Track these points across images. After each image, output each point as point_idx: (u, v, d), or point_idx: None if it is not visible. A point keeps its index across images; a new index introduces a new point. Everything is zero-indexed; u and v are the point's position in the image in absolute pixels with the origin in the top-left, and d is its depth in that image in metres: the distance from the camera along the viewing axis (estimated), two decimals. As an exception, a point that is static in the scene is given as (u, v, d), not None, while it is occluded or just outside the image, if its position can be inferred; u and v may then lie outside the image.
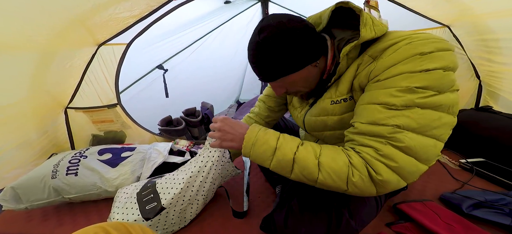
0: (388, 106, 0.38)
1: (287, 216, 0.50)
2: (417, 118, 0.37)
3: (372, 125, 0.39)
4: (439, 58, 0.37)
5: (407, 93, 0.37)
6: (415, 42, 0.38)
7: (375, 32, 0.43)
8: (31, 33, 0.70)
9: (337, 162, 0.40)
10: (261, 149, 0.44)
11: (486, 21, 0.99)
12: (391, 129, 0.37)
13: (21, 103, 0.83)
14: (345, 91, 0.47)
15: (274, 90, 0.52)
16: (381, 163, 0.38)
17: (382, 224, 0.64)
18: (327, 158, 0.41)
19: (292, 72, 0.46)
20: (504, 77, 1.07)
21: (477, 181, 0.81)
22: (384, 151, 0.37)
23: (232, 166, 0.75)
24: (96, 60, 1.02)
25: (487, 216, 0.62)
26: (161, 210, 0.60)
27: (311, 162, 0.41)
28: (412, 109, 0.37)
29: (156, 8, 0.94)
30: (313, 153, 0.42)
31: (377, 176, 0.38)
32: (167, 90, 1.54)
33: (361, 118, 0.41)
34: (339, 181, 0.40)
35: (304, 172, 0.42)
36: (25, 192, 0.72)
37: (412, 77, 0.37)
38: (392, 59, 0.39)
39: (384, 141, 0.38)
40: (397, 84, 0.38)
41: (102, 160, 0.85)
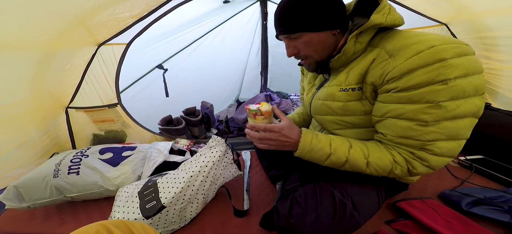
0: (420, 123, 0.42)
1: (292, 206, 0.50)
2: (446, 131, 0.41)
3: (405, 138, 0.45)
4: (458, 65, 0.38)
5: (436, 109, 0.40)
6: (437, 47, 0.39)
7: (385, 20, 0.45)
8: (32, 33, 0.70)
9: (383, 160, 0.47)
10: (317, 155, 0.50)
11: (484, 19, 1.00)
12: (423, 143, 0.43)
13: (22, 103, 0.84)
14: (355, 81, 0.49)
15: (287, 49, 0.54)
16: (416, 161, 0.45)
17: (381, 221, 0.65)
18: (374, 158, 0.48)
19: (313, 30, 0.48)
20: (502, 75, 1.07)
21: (476, 178, 0.82)
22: (418, 154, 0.44)
23: (235, 167, 0.75)
24: (96, 60, 1.02)
25: (486, 213, 0.62)
26: (161, 209, 0.61)
27: (361, 162, 0.48)
28: (441, 124, 0.41)
29: (156, 7, 0.94)
30: (362, 155, 0.48)
31: (413, 170, 0.46)
32: (167, 90, 1.54)
33: (392, 131, 0.46)
34: (383, 173, 0.48)
35: (354, 168, 0.49)
36: (27, 191, 0.72)
37: (437, 91, 0.39)
38: (413, 63, 0.40)
39: (417, 148, 0.44)
40: (423, 98, 0.40)
41: (103, 159, 0.85)
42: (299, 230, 0.46)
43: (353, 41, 0.48)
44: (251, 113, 0.54)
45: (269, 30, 1.96)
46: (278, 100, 1.89)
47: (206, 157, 0.69)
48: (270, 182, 0.87)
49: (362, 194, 0.53)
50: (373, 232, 0.61)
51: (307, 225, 0.46)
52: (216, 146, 0.72)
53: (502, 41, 0.99)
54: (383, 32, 0.48)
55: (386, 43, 0.45)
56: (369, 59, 0.47)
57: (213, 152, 0.70)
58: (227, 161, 0.73)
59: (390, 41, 0.45)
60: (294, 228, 0.47)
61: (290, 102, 1.91)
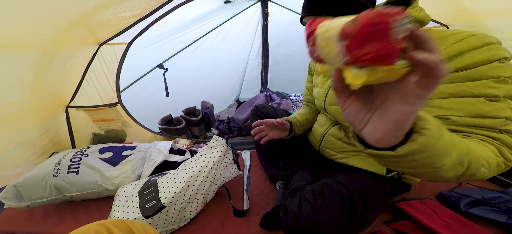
0: (489, 98, 0.37)
1: (301, 204, 0.49)
2: None
3: (479, 118, 0.38)
4: (505, 49, 0.38)
5: (503, 83, 0.37)
6: (478, 35, 0.39)
7: (418, 14, 0.45)
8: (33, 32, 0.70)
9: (485, 150, 0.37)
10: (447, 144, 0.37)
11: (485, 20, 1.00)
12: (503, 121, 0.37)
13: (22, 102, 0.84)
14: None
15: (306, 29, 0.54)
16: (505, 148, 0.36)
17: (380, 222, 0.65)
18: (478, 150, 0.37)
19: (338, 14, 0.48)
20: (502, 77, 1.07)
21: (475, 179, 0.82)
22: (503, 139, 0.36)
23: (235, 167, 0.75)
24: (97, 59, 1.02)
25: (484, 214, 0.63)
26: (161, 209, 0.61)
27: (486, 154, 0.38)
28: (508, 101, 0.37)
29: (157, 7, 0.94)
30: (482, 146, 0.39)
31: (508, 162, 0.37)
32: (167, 89, 1.54)
33: (457, 111, 0.39)
34: (494, 167, 0.36)
35: (473, 166, 0.38)
36: (26, 190, 0.72)
37: (499, 68, 0.37)
38: (459, 48, 0.39)
39: (497, 130, 0.37)
40: (486, 74, 0.37)
41: (103, 159, 0.85)
42: (311, 228, 0.45)
43: None
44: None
45: (270, 30, 1.97)
46: (278, 100, 1.90)
47: (207, 157, 0.69)
48: (269, 182, 0.87)
49: (370, 193, 0.52)
50: (372, 232, 0.62)
51: (319, 223, 0.45)
52: (216, 146, 0.72)
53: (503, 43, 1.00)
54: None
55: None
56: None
57: (214, 152, 0.70)
58: (227, 161, 0.74)
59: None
60: (305, 226, 0.46)
61: (290, 102, 1.91)
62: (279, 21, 1.91)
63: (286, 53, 2.03)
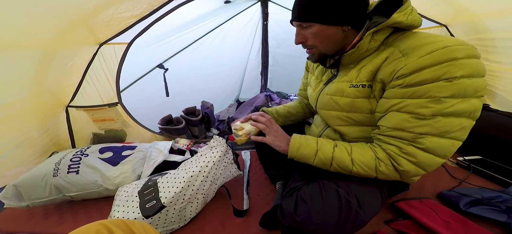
0: (417, 116, 0.43)
1: (297, 204, 0.50)
2: (440, 126, 0.41)
3: (398, 130, 0.45)
4: (466, 65, 0.39)
5: (435, 103, 0.41)
6: (451, 47, 0.40)
7: (406, 19, 0.46)
8: (34, 32, 0.70)
9: (366, 156, 0.49)
10: (306, 151, 0.54)
11: (483, 20, 1.01)
12: (416, 135, 0.43)
13: (23, 102, 0.84)
14: (366, 78, 0.50)
15: (296, 36, 0.56)
16: (403, 158, 0.45)
17: (381, 221, 0.65)
18: (357, 155, 0.50)
19: (323, 22, 0.50)
20: (500, 76, 1.08)
21: (474, 178, 0.82)
22: (406, 150, 0.45)
23: (235, 167, 0.75)
24: (97, 59, 1.02)
25: (484, 213, 0.63)
26: (161, 208, 0.61)
27: (346, 158, 0.50)
28: (436, 118, 0.41)
29: (157, 7, 0.95)
30: (346, 152, 0.51)
31: (399, 167, 0.46)
32: (167, 89, 1.54)
33: (389, 123, 0.47)
34: (369, 171, 0.49)
35: (341, 165, 0.51)
36: (26, 190, 0.72)
37: (442, 88, 0.40)
38: (423, 62, 0.41)
39: (407, 142, 0.44)
40: (427, 94, 0.41)
41: (103, 159, 0.85)
42: (306, 227, 0.45)
43: (369, 38, 0.48)
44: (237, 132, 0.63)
45: (270, 30, 1.97)
46: (278, 100, 1.90)
47: (207, 157, 0.69)
48: (269, 182, 0.87)
49: (367, 193, 0.53)
50: (372, 232, 0.62)
51: (314, 222, 0.45)
52: (217, 146, 0.72)
53: (501, 43, 1.00)
54: (398, 33, 0.49)
55: (401, 42, 0.46)
56: (382, 58, 0.48)
57: (214, 152, 0.70)
58: (227, 161, 0.74)
59: (404, 40, 0.46)
60: (301, 226, 0.46)
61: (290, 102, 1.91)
62: (279, 21, 1.91)
63: (286, 53, 2.03)
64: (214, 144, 0.72)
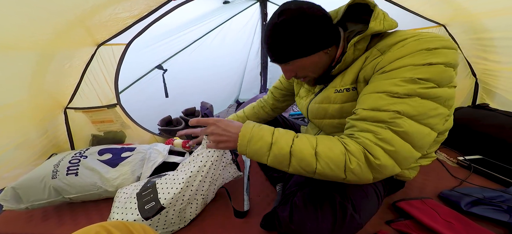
0: (391, 94, 0.40)
1: (292, 211, 0.50)
2: (416, 106, 0.39)
3: (374, 111, 0.41)
4: (442, 54, 0.39)
5: (410, 83, 0.39)
6: (423, 39, 0.41)
7: (383, 26, 0.45)
8: (31, 33, 0.70)
9: (334, 151, 0.40)
10: (257, 145, 0.44)
11: (481, 20, 1.01)
12: (392, 114, 0.39)
13: (21, 103, 0.83)
14: (349, 82, 0.49)
15: (285, 73, 0.54)
16: (379, 147, 0.39)
17: (382, 221, 0.65)
18: (323, 147, 0.41)
19: (304, 56, 0.48)
20: (499, 75, 1.08)
21: (475, 178, 0.82)
22: (383, 135, 0.39)
23: (234, 168, 0.75)
24: (96, 60, 1.02)
25: (485, 213, 0.63)
26: (160, 210, 0.61)
27: (308, 153, 0.41)
28: (413, 98, 0.39)
29: (156, 8, 0.94)
30: (309, 144, 0.42)
31: (375, 161, 0.38)
32: (166, 90, 1.54)
33: (364, 105, 0.43)
34: (337, 170, 0.40)
35: (302, 164, 0.41)
36: (25, 192, 0.72)
37: (416, 69, 0.39)
38: (399, 53, 0.41)
39: (384, 125, 0.39)
40: (401, 75, 0.40)
41: (102, 160, 0.85)
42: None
43: (352, 49, 0.48)
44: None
45: (269, 30, 1.97)
46: (277, 101, 1.89)
47: (204, 156, 0.69)
48: (270, 183, 0.87)
49: (362, 195, 0.52)
50: (373, 232, 0.61)
51: (308, 230, 0.45)
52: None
53: (499, 42, 1.00)
54: (378, 36, 0.49)
55: (379, 43, 0.47)
56: (362, 59, 0.48)
57: (211, 151, 0.69)
58: (225, 161, 0.73)
59: (383, 41, 0.46)
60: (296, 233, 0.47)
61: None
62: (278, 21, 1.91)
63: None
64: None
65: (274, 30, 0.47)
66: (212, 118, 0.49)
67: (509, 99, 1.07)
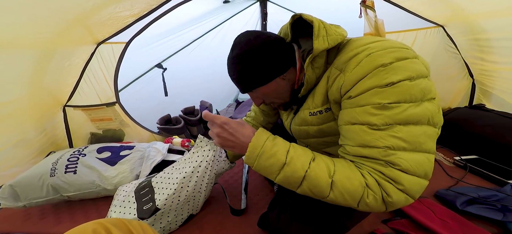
0: (371, 126, 0.38)
1: (280, 211, 0.51)
2: (403, 136, 0.36)
3: (363, 147, 0.38)
4: (400, 69, 0.36)
5: (382, 110, 0.37)
6: (374, 54, 0.38)
7: (328, 43, 0.43)
8: (32, 31, 0.70)
9: (352, 182, 0.37)
10: (268, 162, 0.40)
11: (479, 21, 1.02)
12: (383, 151, 0.37)
13: (20, 101, 0.83)
14: (320, 103, 0.48)
15: (253, 100, 0.55)
16: (389, 184, 0.37)
17: (378, 220, 0.66)
18: (341, 177, 0.38)
19: (261, 84, 0.49)
20: (496, 76, 1.09)
21: (471, 177, 0.83)
22: (387, 173, 0.37)
23: (228, 163, 0.74)
24: (95, 58, 1.02)
25: (480, 212, 0.64)
26: (156, 211, 0.61)
27: (324, 181, 0.38)
28: (394, 127, 0.36)
29: (156, 7, 0.94)
30: (326, 171, 0.39)
31: (388, 198, 0.37)
32: (166, 89, 1.54)
33: (349, 140, 0.41)
34: (351, 201, 0.38)
35: (314, 189, 0.39)
36: (23, 190, 0.71)
37: (381, 93, 0.37)
38: (357, 73, 0.39)
39: (383, 163, 0.37)
40: (369, 101, 0.38)
41: (101, 159, 0.84)
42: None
43: (310, 68, 0.46)
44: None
45: (269, 30, 1.97)
46: (276, 101, 1.90)
47: (199, 156, 0.68)
48: (269, 183, 0.87)
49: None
50: (370, 231, 0.62)
51: (293, 230, 0.47)
52: (204, 146, 0.69)
53: (496, 43, 1.01)
54: (334, 48, 0.47)
55: (336, 59, 0.45)
56: (325, 79, 0.46)
57: (205, 150, 0.68)
58: (220, 158, 0.73)
59: (339, 56, 0.44)
60: (282, 233, 0.48)
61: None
62: (278, 21, 1.91)
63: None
64: (202, 144, 0.69)
65: (231, 64, 0.50)
66: (220, 118, 0.44)
67: (505, 100, 1.08)
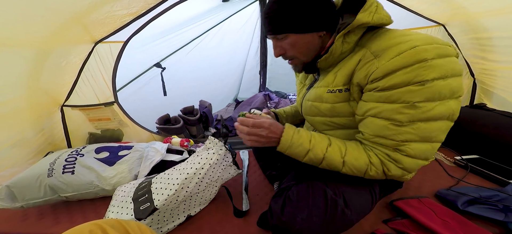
0: (395, 123, 0.42)
1: (284, 204, 0.50)
2: (419, 132, 0.41)
3: (379, 137, 0.45)
4: (438, 67, 0.38)
5: (411, 109, 0.40)
6: (419, 48, 0.39)
7: (371, 18, 0.45)
8: (27, 30, 0.69)
9: (359, 161, 0.48)
10: (297, 150, 0.51)
11: (480, 19, 1.01)
12: (398, 143, 0.43)
13: (17, 101, 0.82)
14: (342, 83, 0.50)
15: (275, 49, 0.55)
16: (391, 163, 0.46)
17: (379, 220, 0.65)
18: (351, 158, 0.48)
19: (299, 31, 0.49)
20: (497, 75, 1.09)
21: (472, 177, 0.83)
22: (392, 156, 0.45)
23: (234, 168, 0.74)
24: (93, 58, 1.01)
25: (482, 212, 0.63)
26: (153, 211, 0.60)
27: (338, 160, 0.49)
28: (415, 124, 0.41)
29: (154, 6, 0.93)
30: (339, 153, 0.49)
31: (388, 172, 0.47)
32: (165, 88, 1.53)
33: (369, 129, 0.47)
34: (358, 173, 0.49)
35: (331, 166, 0.50)
36: (20, 190, 0.71)
37: (414, 91, 0.39)
38: (394, 64, 0.40)
39: (391, 149, 0.45)
40: (401, 98, 0.41)
41: (99, 159, 0.84)
42: (291, 227, 0.46)
43: (340, 41, 0.48)
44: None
45: (268, 29, 1.96)
46: (276, 100, 1.89)
47: (202, 158, 0.68)
48: (268, 182, 0.87)
49: (355, 192, 0.53)
50: (370, 231, 0.61)
51: (298, 222, 0.46)
52: (213, 148, 0.70)
53: (497, 41, 1.01)
54: (371, 32, 0.48)
55: (372, 43, 0.46)
56: (355, 60, 0.47)
57: (210, 153, 0.69)
58: (226, 164, 0.73)
59: (376, 41, 0.45)
60: (286, 226, 0.47)
61: (288, 101, 1.91)
62: (277, 20, 1.90)
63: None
64: (211, 146, 0.71)
65: (272, 1, 0.49)
66: (250, 120, 0.51)
67: (506, 99, 1.08)
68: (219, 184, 0.74)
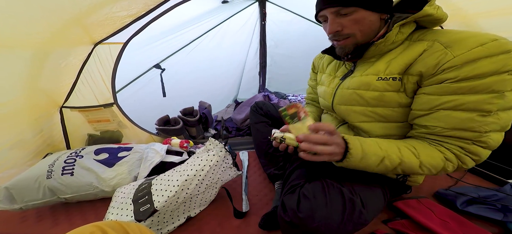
0: (482, 114, 0.41)
1: (299, 201, 0.49)
2: (501, 122, 0.41)
3: (460, 130, 0.43)
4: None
5: (500, 99, 0.40)
6: (501, 40, 0.40)
7: (436, 11, 0.47)
8: (27, 31, 0.69)
9: (435, 159, 0.46)
10: (370, 160, 0.47)
11: (477, 21, 1.02)
12: (481, 135, 0.42)
13: (16, 102, 0.82)
14: (397, 71, 0.49)
15: (331, 25, 0.52)
16: (468, 157, 0.45)
17: (378, 221, 0.65)
18: (426, 157, 0.46)
19: (369, 8, 0.49)
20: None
21: (470, 177, 0.83)
22: (470, 149, 0.44)
23: (234, 170, 0.74)
24: (92, 59, 1.01)
25: (480, 212, 0.63)
26: (153, 213, 0.60)
27: (415, 162, 0.46)
28: (498, 114, 0.41)
29: (153, 7, 0.93)
30: (413, 155, 0.47)
31: (463, 165, 0.45)
32: (164, 90, 1.53)
33: (443, 123, 0.45)
34: (435, 171, 0.47)
35: (407, 170, 0.47)
36: (19, 192, 0.71)
37: (504, 81, 0.39)
38: (475, 54, 0.40)
39: (470, 142, 0.43)
40: (489, 87, 0.40)
41: (99, 160, 0.84)
42: (309, 224, 0.44)
43: (396, 30, 0.49)
44: (288, 113, 0.49)
45: (268, 30, 1.97)
46: (276, 101, 1.90)
47: (203, 160, 0.68)
48: (268, 182, 0.87)
49: (370, 193, 0.52)
50: (370, 231, 0.62)
51: (317, 219, 0.44)
52: (213, 149, 0.70)
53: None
54: (422, 30, 0.50)
55: (438, 36, 0.46)
56: (418, 51, 0.47)
57: (210, 155, 0.69)
58: (226, 165, 0.73)
59: (441, 35, 0.46)
60: (303, 222, 0.45)
61: (288, 102, 1.91)
62: (277, 21, 1.91)
63: (284, 53, 2.03)
64: (211, 147, 0.71)
65: None
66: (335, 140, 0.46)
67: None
68: (219, 186, 0.74)
